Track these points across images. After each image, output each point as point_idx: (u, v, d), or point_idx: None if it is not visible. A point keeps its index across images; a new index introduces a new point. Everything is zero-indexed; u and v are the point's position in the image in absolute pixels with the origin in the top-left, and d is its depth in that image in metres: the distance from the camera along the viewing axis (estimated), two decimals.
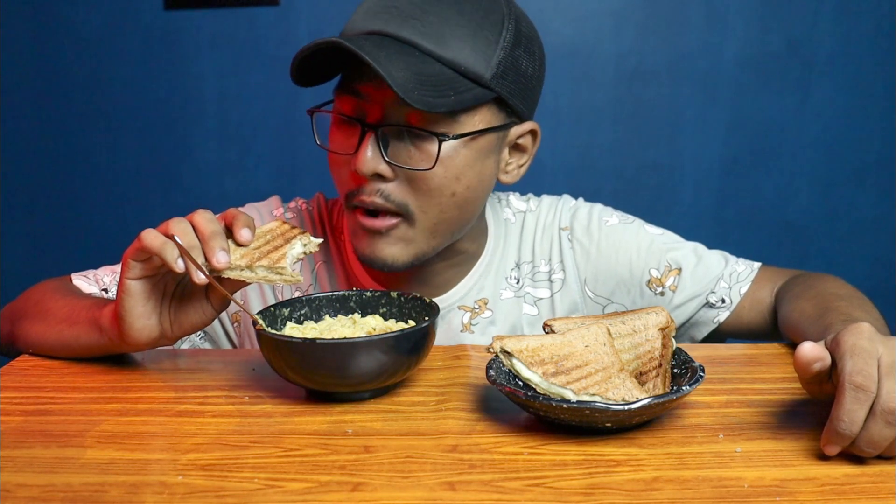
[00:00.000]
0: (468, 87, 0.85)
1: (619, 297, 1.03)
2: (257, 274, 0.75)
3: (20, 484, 0.60)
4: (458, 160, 0.87)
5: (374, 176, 0.86)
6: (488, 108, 0.88)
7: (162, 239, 0.73)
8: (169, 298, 0.79)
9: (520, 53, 0.89)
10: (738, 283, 1.00)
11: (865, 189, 2.36)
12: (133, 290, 0.76)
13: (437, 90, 0.82)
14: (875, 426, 0.59)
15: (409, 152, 0.86)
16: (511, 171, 0.97)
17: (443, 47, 0.83)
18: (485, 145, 0.89)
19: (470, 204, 0.91)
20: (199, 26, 2.36)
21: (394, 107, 0.84)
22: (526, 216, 1.07)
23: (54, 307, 0.89)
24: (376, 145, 0.85)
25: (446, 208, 0.89)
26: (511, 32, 0.88)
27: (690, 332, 1.04)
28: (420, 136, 0.85)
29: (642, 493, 0.57)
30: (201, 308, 0.79)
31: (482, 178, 0.91)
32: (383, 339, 0.71)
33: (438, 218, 0.89)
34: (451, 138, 0.85)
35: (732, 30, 2.28)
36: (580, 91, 2.33)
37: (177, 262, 0.72)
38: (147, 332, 0.77)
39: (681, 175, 2.38)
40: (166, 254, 0.72)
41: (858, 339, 0.62)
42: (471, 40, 0.85)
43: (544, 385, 0.66)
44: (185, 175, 2.43)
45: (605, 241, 1.03)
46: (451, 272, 1.01)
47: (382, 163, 0.86)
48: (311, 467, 0.62)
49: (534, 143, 0.97)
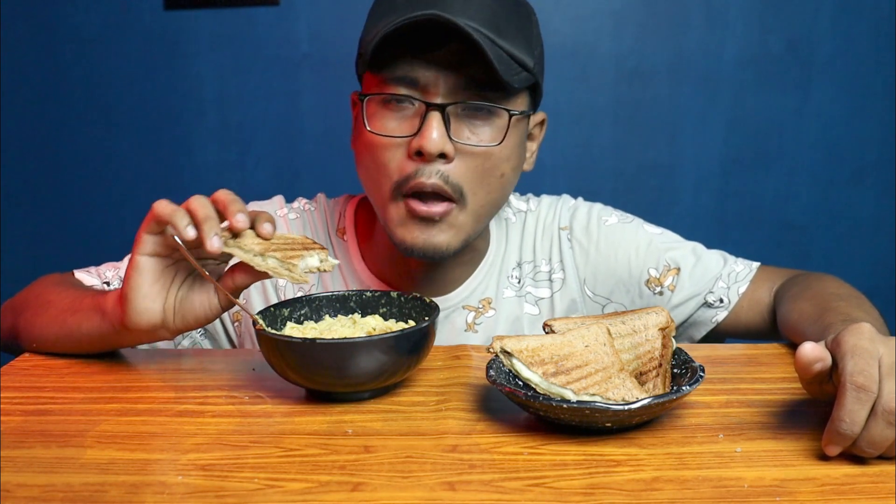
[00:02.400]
0: (520, 71, 0.87)
1: (618, 296, 1.03)
2: (267, 263, 0.74)
3: (20, 484, 0.60)
4: (512, 139, 0.90)
5: (438, 157, 0.86)
6: (525, 95, 0.91)
7: (174, 207, 0.73)
8: (176, 289, 0.78)
9: (542, 46, 0.93)
10: (736, 282, 1.01)
11: (865, 189, 2.36)
12: (143, 266, 0.75)
13: (506, 66, 0.84)
14: (876, 426, 0.59)
15: (471, 129, 0.87)
16: (528, 158, 0.99)
17: (500, 35, 0.85)
18: (523, 130, 0.93)
19: (509, 186, 0.94)
20: (199, 26, 2.35)
21: (454, 89, 0.85)
22: (526, 216, 1.07)
23: (56, 298, 0.89)
24: (442, 124, 0.85)
25: (493, 189, 0.90)
26: (537, 26, 0.92)
27: (689, 332, 1.04)
28: (487, 114, 0.87)
29: (642, 493, 0.57)
30: (208, 301, 0.77)
31: (521, 160, 0.94)
32: (383, 339, 0.71)
33: (485, 199, 0.90)
34: (518, 114, 0.88)
35: (732, 30, 2.28)
36: (580, 91, 2.33)
37: (187, 230, 0.72)
38: (148, 316, 0.76)
39: (681, 175, 2.38)
40: (178, 220, 0.72)
41: (859, 339, 0.62)
42: (519, 30, 0.87)
43: (544, 385, 0.66)
44: (185, 175, 2.43)
45: (604, 240, 1.03)
46: (459, 270, 1.01)
47: (449, 142, 0.86)
48: (311, 467, 0.62)
49: (542, 132, 1.01)
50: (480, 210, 0.91)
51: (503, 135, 0.87)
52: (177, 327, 0.78)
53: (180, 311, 0.77)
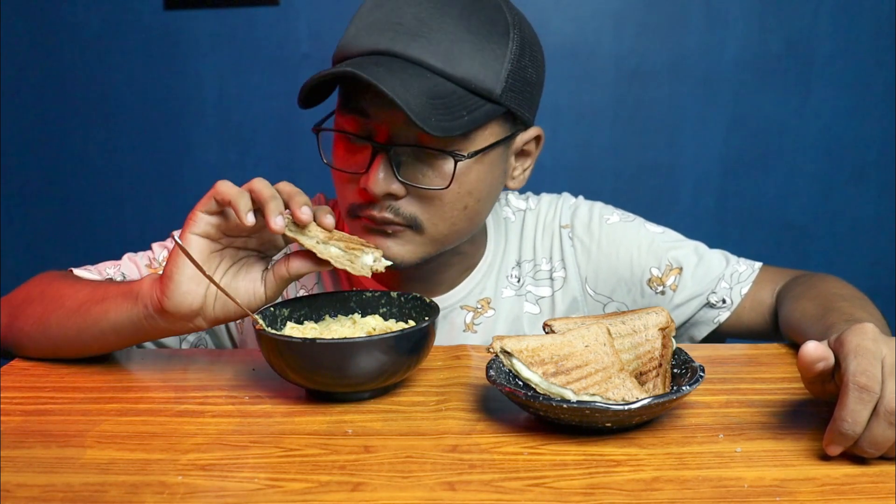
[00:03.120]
0: (479, 104, 0.84)
1: (620, 295, 1.03)
2: (329, 252, 0.74)
3: (20, 484, 0.60)
4: (471, 176, 0.87)
5: (386, 195, 0.86)
6: (497, 122, 0.88)
7: (237, 189, 0.72)
8: (221, 275, 0.76)
9: (525, 62, 0.88)
10: (739, 283, 1.00)
11: (865, 189, 2.36)
12: (193, 245, 0.73)
13: (450, 112, 0.81)
14: (878, 427, 0.58)
15: (422, 171, 0.86)
16: (517, 176, 0.97)
17: (452, 65, 0.82)
18: (494, 158, 0.90)
19: (480, 215, 0.93)
20: (199, 26, 2.35)
21: (405, 127, 0.83)
22: (526, 215, 1.07)
23: (71, 291, 0.86)
24: (388, 165, 0.84)
25: (457, 221, 0.89)
26: (517, 43, 0.87)
27: (690, 332, 1.04)
28: (434, 156, 0.85)
29: (642, 493, 0.57)
30: (253, 290, 0.76)
31: (492, 188, 0.92)
32: (383, 339, 0.71)
33: (449, 230, 0.90)
34: (466, 157, 0.85)
35: (732, 30, 2.28)
36: (580, 91, 2.33)
37: (247, 215, 0.70)
38: (190, 299, 0.73)
39: (681, 175, 2.38)
40: (240, 203, 0.70)
41: (862, 339, 0.62)
42: (479, 56, 0.83)
43: (544, 385, 0.66)
44: (185, 175, 2.43)
45: (606, 239, 1.03)
46: (450, 272, 1.01)
47: (396, 182, 0.85)
48: (311, 467, 0.62)
49: (537, 148, 0.98)
50: (443, 239, 0.90)
51: (450, 178, 0.85)
52: (216, 316, 0.76)
53: (221, 299, 0.75)
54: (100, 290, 0.83)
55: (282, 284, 0.77)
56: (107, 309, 0.80)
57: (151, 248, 1.01)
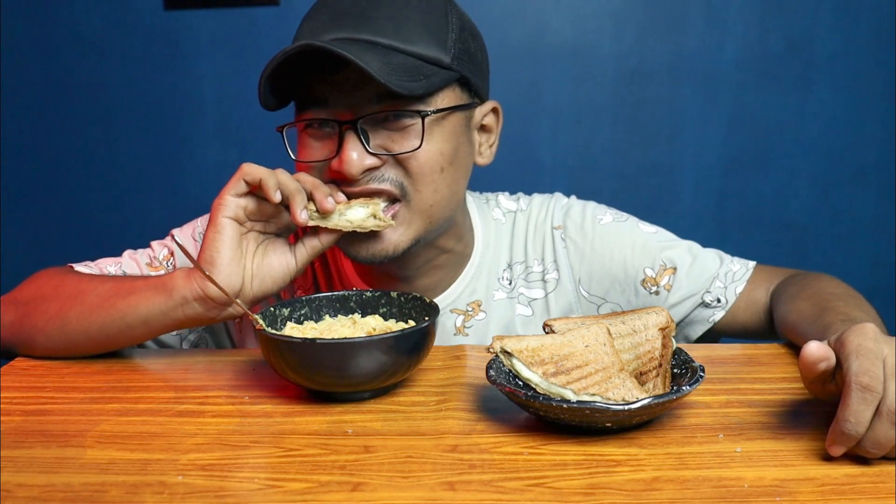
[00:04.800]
0: (433, 70, 0.87)
1: (614, 296, 1.03)
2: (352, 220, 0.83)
3: (20, 484, 0.60)
4: (436, 137, 0.88)
5: (364, 173, 0.86)
6: (452, 90, 0.90)
7: (265, 170, 0.79)
8: (252, 254, 0.82)
9: (467, 37, 0.92)
10: (733, 282, 1.00)
11: (865, 189, 2.36)
12: (227, 229, 0.79)
13: (409, 75, 0.84)
14: (881, 427, 0.59)
15: (391, 139, 0.87)
16: (484, 152, 0.98)
17: (402, 41, 0.85)
18: (457, 125, 0.91)
19: (456, 183, 0.93)
20: (199, 26, 2.35)
21: (365, 103, 0.85)
22: (516, 216, 1.06)
23: (89, 287, 0.87)
24: (357, 141, 0.85)
25: (439, 186, 0.89)
26: (456, 18, 0.91)
27: (685, 331, 1.04)
28: (400, 122, 0.86)
29: (642, 493, 0.57)
30: (286, 262, 0.83)
31: (461, 156, 0.93)
32: (383, 339, 0.71)
33: (433, 198, 0.90)
34: (431, 113, 0.86)
35: (732, 30, 2.28)
36: (580, 91, 2.33)
37: (275, 193, 0.78)
38: (232, 281, 0.79)
39: (681, 175, 2.38)
40: (269, 182, 0.78)
41: (864, 339, 0.62)
42: (424, 30, 0.87)
43: (544, 385, 0.66)
44: (185, 175, 2.43)
45: (600, 239, 1.03)
46: (439, 274, 1.00)
47: (368, 156, 0.86)
48: (311, 467, 0.62)
49: (497, 122, 0.99)
50: (430, 209, 0.90)
51: (421, 137, 0.86)
52: (254, 293, 0.82)
53: (258, 276, 0.82)
54: (125, 285, 0.86)
55: (313, 255, 0.85)
56: (135, 303, 0.83)
57: (151, 247, 1.02)
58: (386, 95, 0.84)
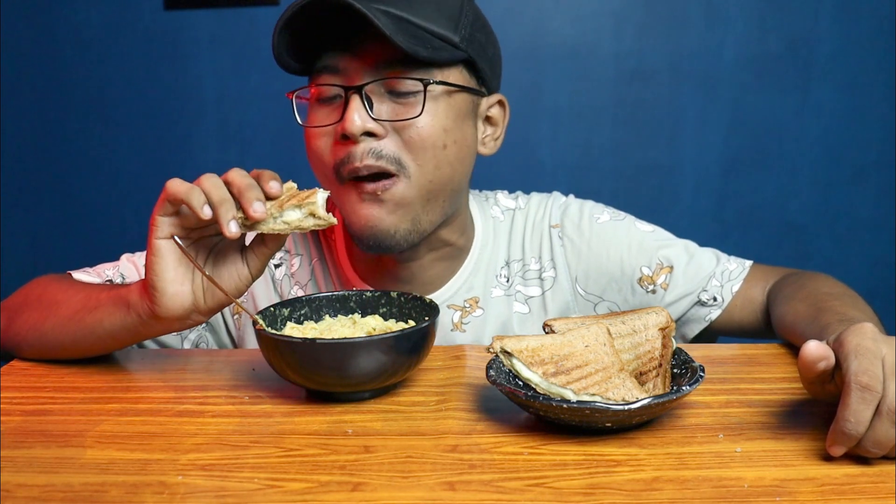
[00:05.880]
0: (442, 45, 0.88)
1: (611, 294, 1.03)
2: (289, 221, 0.73)
3: (20, 484, 0.60)
4: (440, 111, 0.89)
5: (364, 136, 0.87)
6: (460, 71, 0.91)
7: (187, 185, 0.72)
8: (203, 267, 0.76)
9: (479, 28, 0.93)
10: (730, 281, 1.01)
11: (865, 189, 2.36)
12: (163, 250, 0.73)
13: (418, 41, 0.85)
14: (881, 426, 0.58)
15: (394, 107, 0.88)
16: (487, 142, 0.99)
17: (414, 13, 0.87)
18: (462, 105, 0.92)
19: (459, 164, 0.92)
20: (199, 26, 2.36)
21: (373, 71, 0.87)
22: (515, 214, 1.07)
23: (65, 297, 0.87)
24: (362, 105, 0.86)
25: (440, 163, 0.89)
26: (470, 9, 0.93)
27: (682, 330, 1.04)
28: (403, 89, 0.87)
29: (642, 493, 0.57)
30: (237, 273, 0.77)
31: (466, 138, 0.93)
32: (383, 339, 0.71)
33: (433, 175, 0.89)
34: (434, 83, 0.87)
35: (732, 30, 2.28)
36: (580, 91, 2.33)
37: (203, 209, 0.70)
38: (180, 300, 0.74)
39: (681, 175, 2.38)
40: (193, 199, 0.70)
41: (863, 339, 0.62)
42: (437, 8, 0.89)
43: (544, 385, 0.66)
44: (185, 175, 2.40)
45: (597, 238, 1.03)
46: (439, 267, 1.00)
47: (370, 121, 0.86)
48: (311, 467, 0.62)
49: (503, 115, 1.00)
50: (429, 185, 0.89)
51: (421, 106, 0.87)
52: (209, 307, 0.76)
53: (210, 289, 0.75)
54: (92, 299, 0.83)
55: (264, 260, 0.77)
56: (100, 318, 0.81)
57: None
58: (394, 63, 0.86)
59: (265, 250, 0.77)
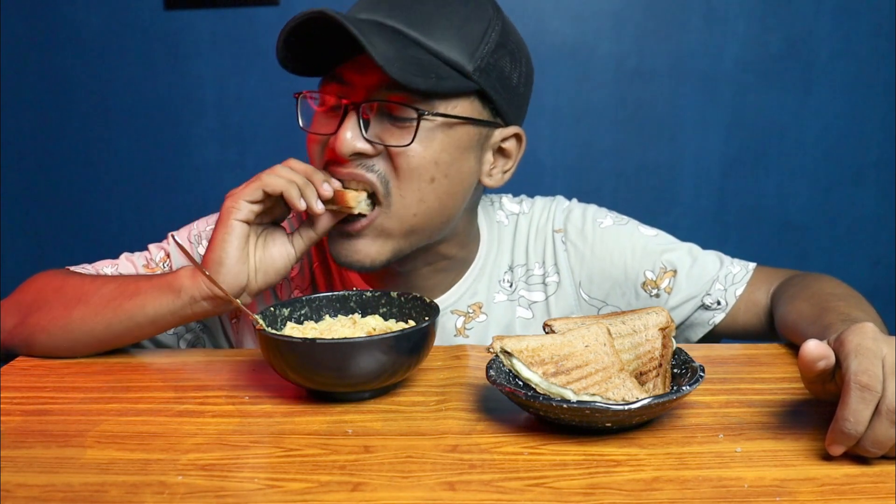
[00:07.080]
0: (450, 74, 0.85)
1: (615, 299, 1.03)
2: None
3: (20, 484, 0.60)
4: (435, 143, 0.86)
5: (355, 155, 0.86)
6: (470, 102, 0.88)
7: (284, 180, 0.83)
8: (253, 248, 0.85)
9: (504, 55, 0.90)
10: (733, 284, 1.00)
11: (865, 189, 2.36)
12: (238, 231, 0.83)
13: (420, 69, 0.82)
14: (880, 426, 0.59)
15: (389, 130, 0.86)
16: (495, 174, 0.96)
17: (428, 36, 0.85)
18: (464, 138, 0.89)
19: (449, 199, 0.90)
20: (199, 26, 2.35)
21: (376, 89, 0.85)
22: (519, 218, 1.06)
23: (92, 288, 0.89)
24: (356, 124, 0.85)
25: (426, 195, 0.87)
26: (497, 34, 0.89)
27: (686, 334, 1.04)
28: (400, 114, 0.85)
29: (642, 493, 0.57)
30: (286, 252, 0.86)
31: (461, 172, 0.90)
32: (383, 339, 0.71)
33: (416, 208, 0.87)
34: (429, 114, 0.85)
35: (732, 30, 2.28)
36: (580, 91, 2.33)
37: (300, 202, 0.82)
38: (240, 279, 0.83)
39: (681, 175, 2.38)
40: (293, 192, 0.82)
41: (863, 338, 0.62)
42: (456, 32, 0.86)
43: (544, 385, 0.66)
44: (185, 175, 2.43)
45: (600, 243, 1.02)
46: (438, 277, 1.00)
47: (362, 140, 0.85)
48: (311, 467, 0.62)
49: (519, 149, 0.97)
50: (412, 219, 0.88)
51: (413, 134, 0.84)
52: (258, 286, 0.86)
53: (261, 269, 0.85)
54: (130, 286, 0.87)
55: (310, 245, 0.88)
56: (142, 303, 0.85)
57: (148, 249, 1.02)
58: (395, 85, 0.83)
59: (312, 234, 0.87)
